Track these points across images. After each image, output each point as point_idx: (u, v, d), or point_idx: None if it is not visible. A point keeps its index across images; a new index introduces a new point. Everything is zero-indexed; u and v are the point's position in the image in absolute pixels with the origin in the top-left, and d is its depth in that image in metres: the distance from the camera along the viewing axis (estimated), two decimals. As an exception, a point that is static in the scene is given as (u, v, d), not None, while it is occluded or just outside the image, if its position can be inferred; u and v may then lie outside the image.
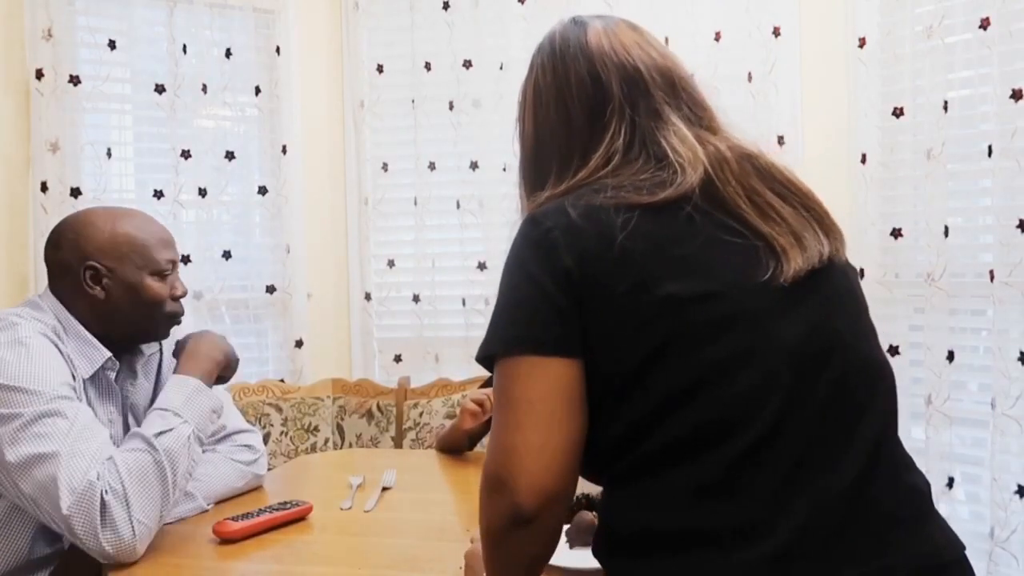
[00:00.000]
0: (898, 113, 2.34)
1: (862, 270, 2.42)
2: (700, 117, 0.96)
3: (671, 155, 0.89)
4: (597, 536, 0.90)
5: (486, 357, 0.88)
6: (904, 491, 0.85)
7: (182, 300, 1.51)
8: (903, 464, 0.88)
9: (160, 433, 1.30)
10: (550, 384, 0.83)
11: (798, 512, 0.79)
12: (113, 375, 1.45)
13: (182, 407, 1.36)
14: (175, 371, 1.44)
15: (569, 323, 0.84)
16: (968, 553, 0.88)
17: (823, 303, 0.87)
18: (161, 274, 1.46)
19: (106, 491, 1.21)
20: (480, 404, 1.87)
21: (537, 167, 1.00)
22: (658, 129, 0.92)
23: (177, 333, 1.56)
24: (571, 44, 0.98)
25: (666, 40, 2.57)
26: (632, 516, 0.85)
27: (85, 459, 1.22)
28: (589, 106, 0.95)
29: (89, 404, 1.37)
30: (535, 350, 0.84)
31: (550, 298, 0.84)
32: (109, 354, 1.42)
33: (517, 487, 0.81)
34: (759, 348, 0.82)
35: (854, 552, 0.79)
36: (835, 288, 0.90)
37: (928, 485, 0.90)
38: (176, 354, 1.49)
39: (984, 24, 2.12)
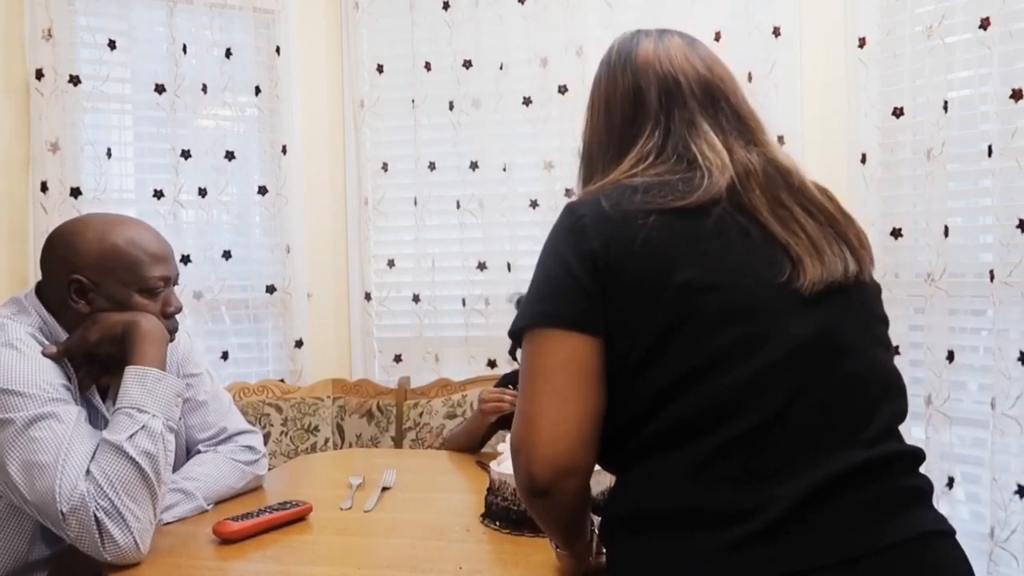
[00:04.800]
0: (898, 113, 2.34)
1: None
2: (738, 129, 1.01)
3: (700, 159, 0.95)
4: (602, 518, 0.94)
5: (516, 331, 0.94)
6: (899, 488, 0.87)
7: (177, 316, 1.46)
8: (902, 465, 0.90)
9: (132, 436, 1.26)
10: (567, 356, 0.88)
11: (786, 498, 0.81)
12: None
13: (146, 401, 1.30)
14: (129, 362, 1.33)
15: (591, 301, 0.89)
16: (968, 553, 0.88)
17: (835, 311, 0.90)
18: (151, 292, 1.40)
19: (97, 509, 1.20)
20: (499, 400, 1.88)
21: (588, 165, 1.08)
22: (690, 136, 0.98)
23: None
24: (622, 56, 1.07)
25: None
26: (630, 496, 0.89)
27: (78, 466, 1.22)
28: (629, 113, 1.03)
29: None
30: (556, 323, 0.89)
31: (575, 278, 0.89)
32: None
33: (531, 457, 0.87)
34: (765, 339, 0.86)
35: (836, 536, 0.81)
36: (851, 301, 0.93)
37: (928, 487, 0.91)
38: (117, 343, 1.36)
39: (984, 24, 2.12)
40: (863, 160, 2.41)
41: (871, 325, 0.95)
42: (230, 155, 2.67)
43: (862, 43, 2.41)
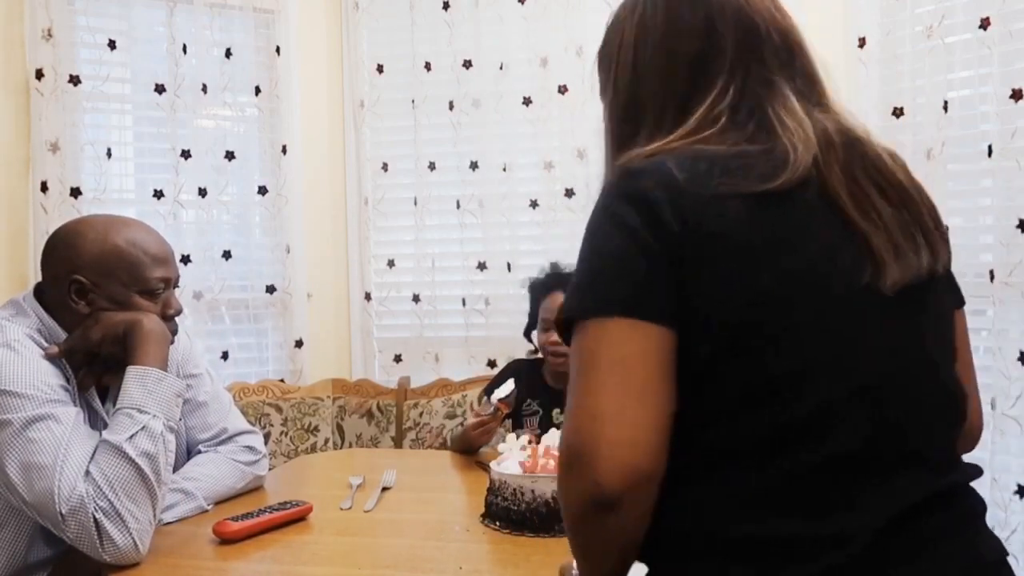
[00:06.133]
0: (898, 113, 2.34)
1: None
2: (811, 92, 0.86)
3: (780, 131, 0.80)
4: (647, 535, 0.79)
5: (575, 319, 0.77)
6: (963, 514, 0.82)
7: (176, 318, 1.45)
8: (967, 489, 0.84)
9: (132, 436, 1.25)
10: (645, 348, 0.73)
11: (862, 531, 0.74)
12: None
13: (147, 401, 1.29)
14: (130, 361, 1.33)
15: (668, 287, 0.74)
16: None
17: (916, 321, 0.81)
18: (151, 293, 1.40)
19: (96, 510, 1.20)
20: (483, 427, 1.86)
21: (629, 116, 0.88)
22: (768, 99, 0.83)
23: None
24: None
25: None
26: (687, 517, 0.78)
27: (76, 467, 1.22)
28: (697, 55, 0.84)
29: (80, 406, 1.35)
30: (632, 312, 0.74)
31: (650, 255, 0.74)
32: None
33: (597, 462, 0.70)
34: (847, 362, 0.76)
35: (910, 570, 0.75)
36: (929, 305, 0.83)
37: (982, 507, 0.85)
38: (119, 342, 1.35)
39: (984, 24, 2.12)
40: (863, 160, 2.41)
41: (946, 334, 0.86)
42: (230, 155, 2.67)
43: (862, 43, 2.41)
